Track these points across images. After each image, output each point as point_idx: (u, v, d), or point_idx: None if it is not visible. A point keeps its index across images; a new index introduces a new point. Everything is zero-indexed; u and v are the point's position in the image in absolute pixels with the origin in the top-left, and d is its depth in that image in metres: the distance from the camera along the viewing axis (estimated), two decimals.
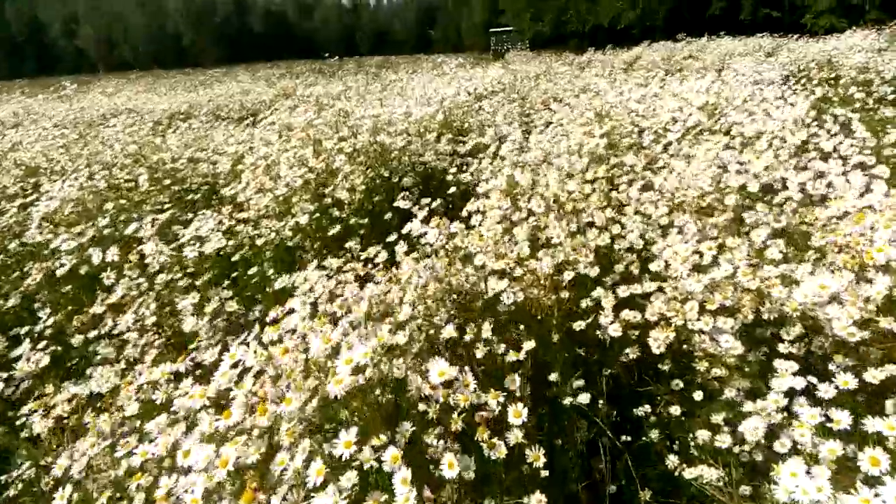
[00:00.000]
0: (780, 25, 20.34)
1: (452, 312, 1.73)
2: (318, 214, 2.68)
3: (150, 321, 1.92)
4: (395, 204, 2.50)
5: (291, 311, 1.56)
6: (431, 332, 1.58)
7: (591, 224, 2.27)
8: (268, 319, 1.54)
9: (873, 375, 1.43)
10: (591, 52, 17.54)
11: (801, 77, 7.80)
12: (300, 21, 78.01)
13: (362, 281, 1.79)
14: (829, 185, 2.16)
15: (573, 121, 4.13)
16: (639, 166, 2.88)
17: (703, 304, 1.74)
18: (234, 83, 11.51)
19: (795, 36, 14.73)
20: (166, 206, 3.13)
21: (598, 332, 1.98)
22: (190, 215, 2.89)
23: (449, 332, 1.52)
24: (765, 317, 1.67)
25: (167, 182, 3.31)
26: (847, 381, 1.42)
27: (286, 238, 2.51)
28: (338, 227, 2.60)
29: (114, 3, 69.11)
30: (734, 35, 16.51)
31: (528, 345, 1.69)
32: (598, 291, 2.01)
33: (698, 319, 1.73)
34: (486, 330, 1.68)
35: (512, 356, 1.67)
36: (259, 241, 2.51)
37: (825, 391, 1.43)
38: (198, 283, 2.06)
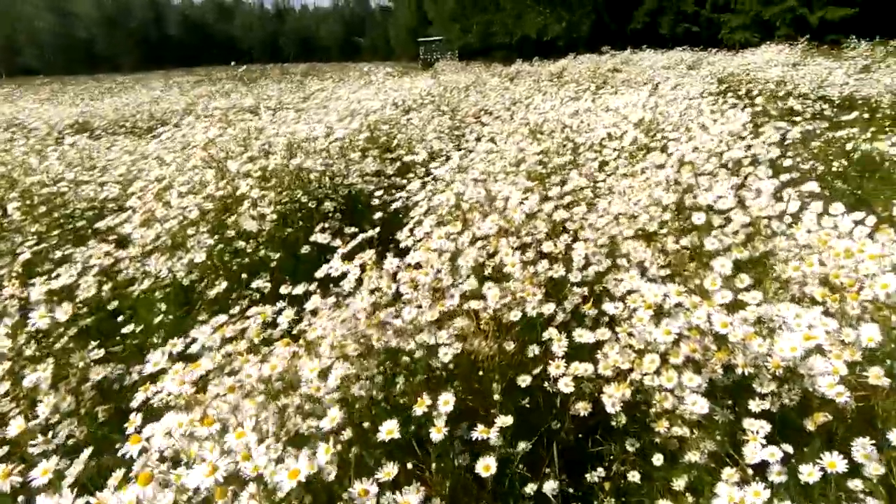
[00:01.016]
0: (699, 40, 21.14)
1: (376, 381, 1.42)
2: (221, 246, 2.32)
3: None
4: (313, 238, 2.17)
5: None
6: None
7: (541, 254, 2.02)
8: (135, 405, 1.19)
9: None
10: (519, 63, 17.68)
11: (726, 89, 7.97)
12: (221, 26, 75.62)
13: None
14: (784, 214, 1.99)
15: (509, 135, 3.92)
16: (580, 187, 2.67)
17: (665, 356, 1.51)
18: (145, 91, 10.74)
19: (714, 50, 15.31)
20: (45, 236, 2.67)
21: (546, 384, 1.73)
22: (70, 249, 2.46)
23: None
24: (738, 371, 1.47)
25: (43, 210, 2.84)
26: (834, 462, 1.22)
27: (179, 278, 2.13)
28: (245, 261, 2.24)
29: (19, 6, 64.75)
30: (656, 48, 17.03)
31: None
32: (548, 333, 1.75)
33: (659, 374, 1.50)
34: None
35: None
36: (146, 284, 2.12)
37: (806, 473, 1.22)
38: (58, 344, 1.67)
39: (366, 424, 1.37)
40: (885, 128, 5.64)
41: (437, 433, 1.37)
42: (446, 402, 1.46)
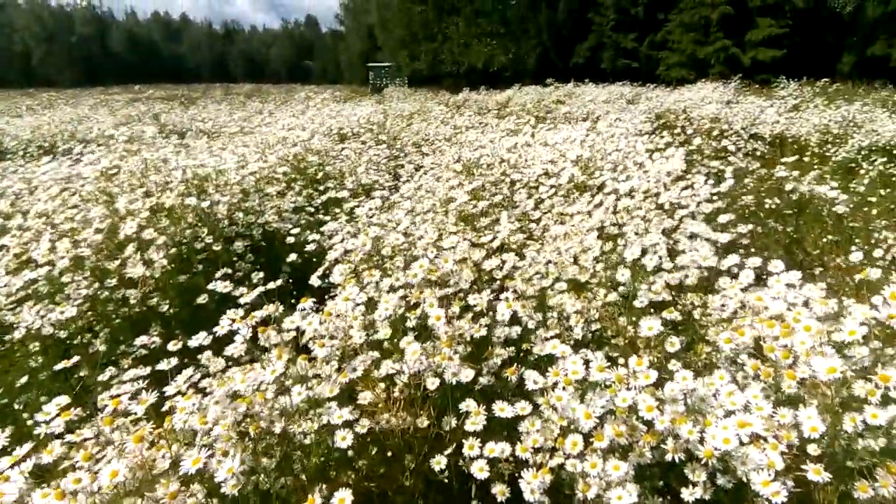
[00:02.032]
0: (638, 75, 21.84)
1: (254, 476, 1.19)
2: (106, 294, 2.04)
3: None
4: (212, 286, 1.92)
5: None
6: None
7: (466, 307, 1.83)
8: None
9: None
10: (467, 91, 17.82)
11: (663, 125, 8.10)
12: (167, 44, 74.03)
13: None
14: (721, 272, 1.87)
15: (444, 170, 3.77)
16: (512, 231, 2.51)
17: (588, 438, 1.34)
18: (70, 109, 10.16)
19: (652, 85, 15.76)
20: None
21: (461, 463, 1.53)
22: None
23: None
24: (667, 457, 1.31)
25: None
26: None
27: (46, 333, 1.84)
28: (133, 312, 1.97)
29: None
30: (597, 82, 17.46)
31: None
32: (466, 405, 1.55)
33: (583, 458, 1.33)
34: None
35: None
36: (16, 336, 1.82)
37: None
38: None
39: None
40: (814, 166, 5.78)
41: None
42: (342, 500, 1.24)
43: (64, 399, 1.20)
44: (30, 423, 1.20)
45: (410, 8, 32.30)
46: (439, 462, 1.50)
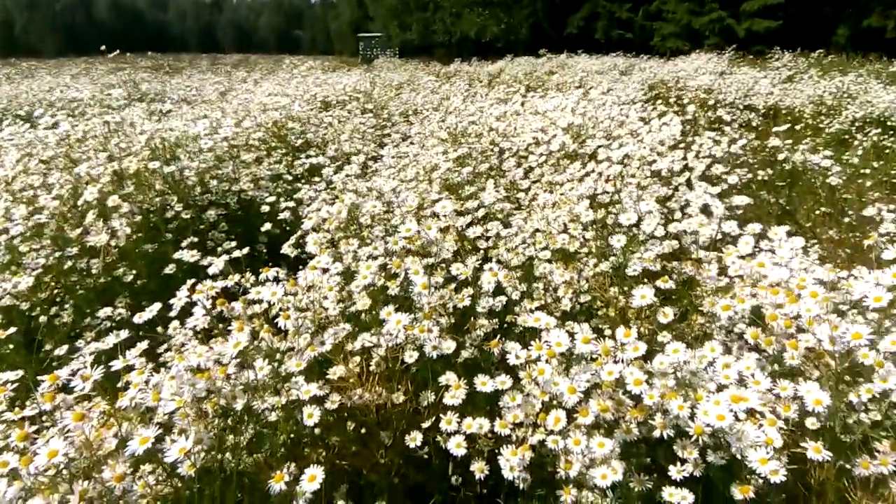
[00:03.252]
0: (632, 46, 21.51)
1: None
2: (70, 264, 1.93)
3: None
4: (178, 255, 1.82)
5: None
6: None
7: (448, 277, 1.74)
8: None
9: None
10: (458, 62, 17.53)
11: (656, 96, 7.97)
12: (153, 13, 72.49)
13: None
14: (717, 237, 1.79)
15: (426, 138, 3.65)
16: (498, 199, 2.41)
17: (572, 413, 1.26)
18: (50, 78, 9.88)
19: (646, 56, 15.55)
20: None
21: (439, 438, 1.45)
22: None
23: None
24: (655, 433, 1.23)
25: None
26: None
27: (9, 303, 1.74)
28: (97, 283, 1.86)
29: None
30: (590, 53, 17.17)
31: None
32: (446, 378, 1.46)
33: (565, 435, 1.25)
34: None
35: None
36: None
37: None
38: None
39: None
40: (807, 137, 5.69)
41: None
42: (312, 477, 1.16)
43: (13, 374, 1.11)
44: None
45: None
46: (415, 438, 1.42)
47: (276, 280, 1.38)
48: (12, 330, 1.37)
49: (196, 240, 1.94)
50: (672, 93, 8.75)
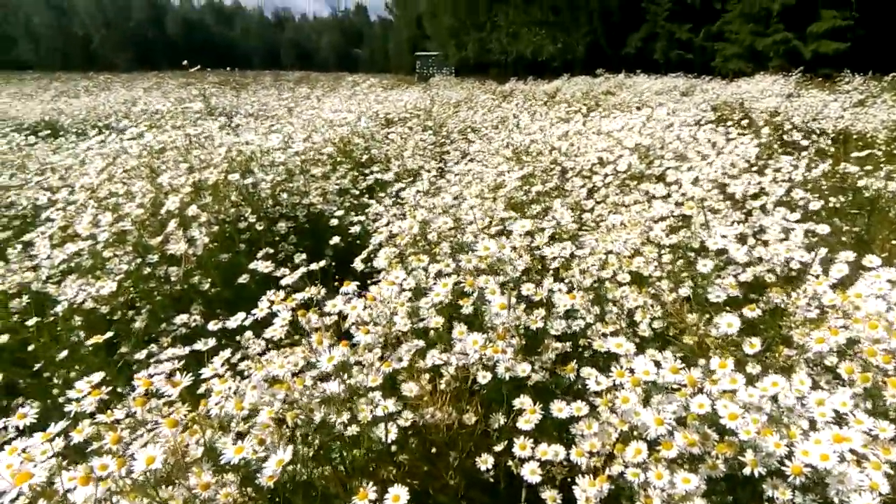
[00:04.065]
0: (692, 67, 21.11)
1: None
2: (148, 271, 2.00)
3: None
4: (253, 266, 1.86)
5: None
6: None
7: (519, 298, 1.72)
8: None
9: None
10: (514, 81, 17.58)
11: (720, 118, 7.77)
12: (220, 30, 75.59)
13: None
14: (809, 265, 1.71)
15: (492, 155, 3.64)
16: (566, 219, 2.38)
17: (652, 445, 1.21)
18: (125, 91, 10.40)
19: (707, 77, 15.20)
20: None
21: (510, 463, 1.42)
22: None
23: None
24: (745, 470, 1.17)
25: None
26: None
27: (87, 308, 1.81)
28: (174, 290, 1.92)
29: (16, 0, 64.43)
30: (649, 73, 16.94)
31: None
32: (520, 401, 1.43)
33: (645, 468, 1.20)
34: None
35: None
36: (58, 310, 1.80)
37: None
38: None
39: None
40: (882, 164, 5.42)
41: None
42: (396, 497, 1.15)
43: (97, 376, 1.14)
44: (60, 399, 1.14)
45: None
46: (486, 461, 1.39)
47: (359, 294, 1.39)
48: (109, 334, 1.42)
49: (271, 251, 1.98)
50: (736, 114, 8.52)
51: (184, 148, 2.49)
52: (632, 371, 1.23)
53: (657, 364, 1.21)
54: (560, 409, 1.31)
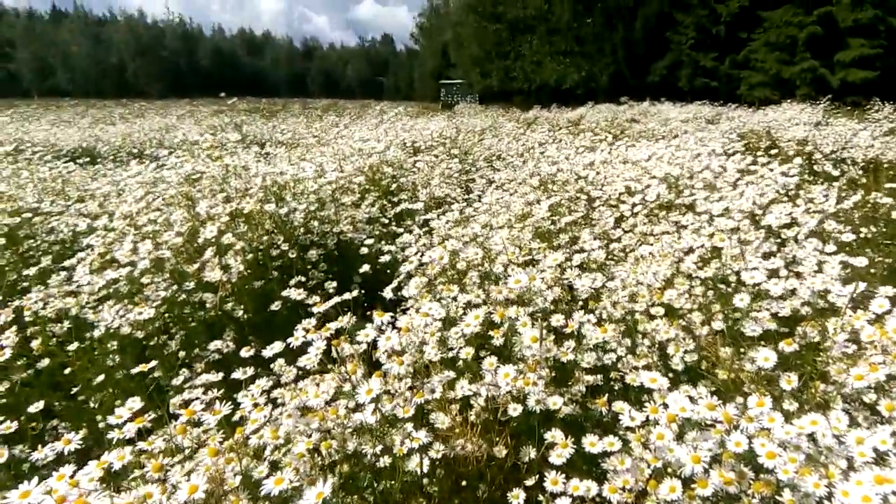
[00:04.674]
0: (717, 95, 21.09)
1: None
2: (184, 297, 2.04)
3: None
4: (286, 293, 1.89)
5: None
6: None
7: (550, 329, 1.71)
8: None
9: None
10: (538, 109, 17.67)
11: (747, 147, 7.71)
12: (250, 60, 77.56)
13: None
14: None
15: (518, 185, 3.66)
16: (593, 249, 2.38)
17: (688, 483, 1.19)
18: (159, 119, 10.69)
19: (733, 105, 15.12)
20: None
21: (541, 498, 1.41)
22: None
23: None
24: None
25: (1, 243, 2.60)
26: None
27: (124, 333, 1.85)
28: (208, 316, 1.96)
29: (55, 30, 67.04)
30: (674, 101, 16.92)
31: None
32: (552, 435, 1.42)
33: None
34: None
35: None
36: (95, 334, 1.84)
37: None
38: None
39: None
40: None
41: None
42: None
43: (137, 402, 1.17)
44: (102, 425, 1.17)
45: (485, 26, 32.58)
46: (517, 496, 1.38)
47: (391, 325, 1.40)
48: (153, 363, 1.45)
49: (303, 279, 2.01)
50: (763, 143, 8.44)
51: (220, 177, 2.56)
52: (666, 406, 1.22)
53: (692, 399, 1.20)
54: (593, 443, 1.30)
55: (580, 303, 1.92)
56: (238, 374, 1.31)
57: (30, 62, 63.88)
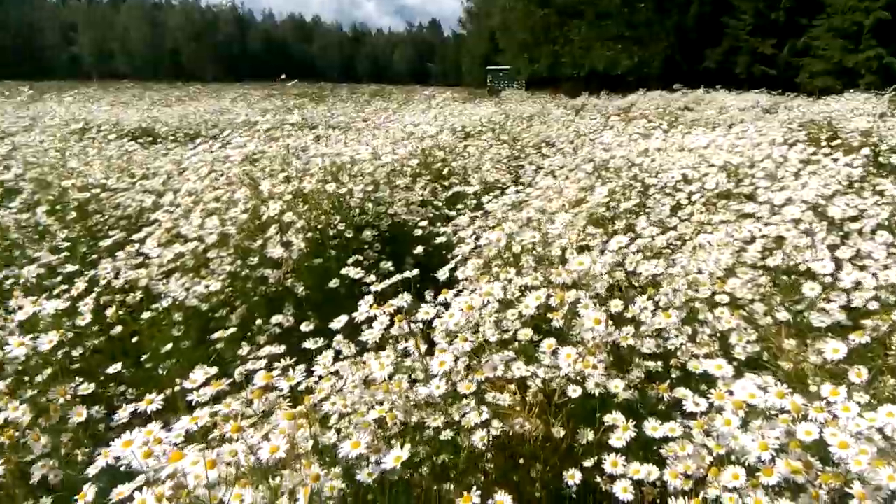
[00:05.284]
0: (775, 83, 20.29)
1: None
2: (246, 272, 2.11)
3: None
4: (344, 271, 1.93)
5: None
6: None
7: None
8: None
9: None
10: (586, 95, 17.36)
11: (808, 137, 7.44)
12: (300, 45, 78.54)
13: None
14: None
15: (571, 171, 3.63)
16: (651, 235, 2.35)
17: (751, 472, 1.18)
18: (215, 101, 10.96)
19: (791, 94, 14.57)
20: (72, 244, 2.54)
21: (599, 479, 1.42)
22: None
23: None
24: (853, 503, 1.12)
25: (72, 217, 2.73)
26: None
27: (192, 305, 1.93)
28: (269, 291, 2.02)
29: (115, 15, 69.26)
30: (729, 89, 16.38)
31: None
32: (611, 417, 1.43)
33: (742, 493, 1.17)
34: None
35: None
36: (161, 306, 1.92)
37: None
38: (41, 375, 1.47)
39: None
40: None
41: None
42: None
43: (212, 369, 1.22)
44: (177, 388, 1.22)
45: (533, 11, 32.16)
46: (573, 476, 1.39)
47: (445, 305, 1.43)
48: (231, 329, 1.51)
49: (361, 258, 2.06)
50: (823, 133, 8.13)
51: (281, 157, 2.63)
52: (731, 393, 1.20)
53: (760, 388, 1.18)
54: (655, 427, 1.30)
55: (638, 289, 1.91)
56: (309, 344, 1.35)
57: (90, 46, 66.29)
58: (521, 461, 1.44)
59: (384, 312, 1.39)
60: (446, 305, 1.56)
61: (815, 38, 23.91)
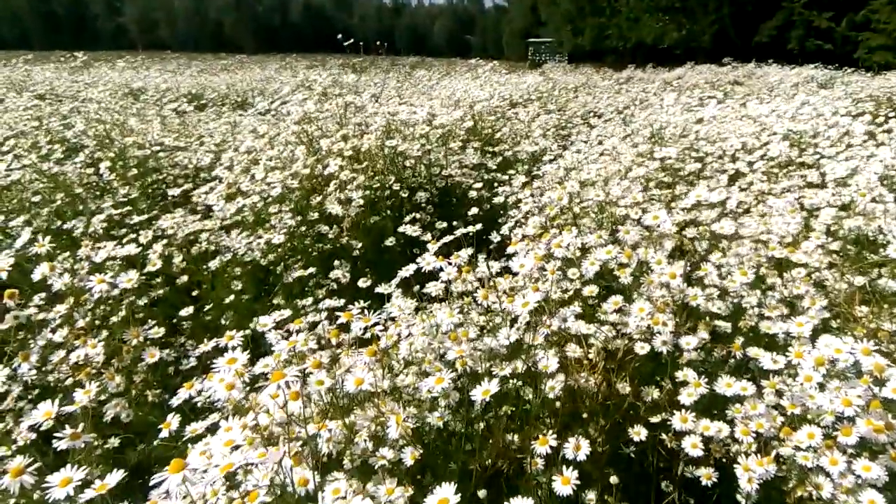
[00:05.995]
0: (831, 58, 19.36)
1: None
2: (304, 228, 2.13)
3: None
4: (401, 229, 1.94)
5: None
6: None
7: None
8: None
9: None
10: (631, 69, 16.89)
11: (868, 112, 7.13)
12: (339, 16, 78.31)
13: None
14: None
15: (624, 138, 3.56)
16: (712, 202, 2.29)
17: (828, 429, 1.15)
18: (259, 70, 11.06)
19: (848, 70, 13.92)
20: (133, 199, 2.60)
21: (664, 437, 1.41)
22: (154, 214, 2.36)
23: None
24: None
25: (133, 173, 2.79)
26: None
27: (256, 258, 1.96)
28: (327, 247, 2.04)
29: None
30: (782, 64, 15.73)
31: None
32: (683, 374, 1.41)
33: (816, 452, 1.14)
34: None
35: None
36: (223, 259, 1.96)
37: None
38: (115, 317, 1.52)
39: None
40: None
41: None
42: (577, 447, 1.19)
43: (286, 311, 1.24)
44: (253, 327, 1.25)
45: None
46: (638, 433, 1.38)
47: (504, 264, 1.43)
48: (300, 271, 1.53)
49: (417, 216, 2.06)
50: (882, 109, 7.76)
51: (340, 115, 2.63)
52: (812, 348, 1.17)
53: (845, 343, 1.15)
54: (729, 384, 1.27)
55: (702, 253, 1.87)
56: (381, 289, 1.36)
57: (136, 16, 67.33)
58: (585, 416, 1.43)
59: (451, 263, 1.38)
60: (506, 270, 1.56)
61: (874, 12, 22.70)
